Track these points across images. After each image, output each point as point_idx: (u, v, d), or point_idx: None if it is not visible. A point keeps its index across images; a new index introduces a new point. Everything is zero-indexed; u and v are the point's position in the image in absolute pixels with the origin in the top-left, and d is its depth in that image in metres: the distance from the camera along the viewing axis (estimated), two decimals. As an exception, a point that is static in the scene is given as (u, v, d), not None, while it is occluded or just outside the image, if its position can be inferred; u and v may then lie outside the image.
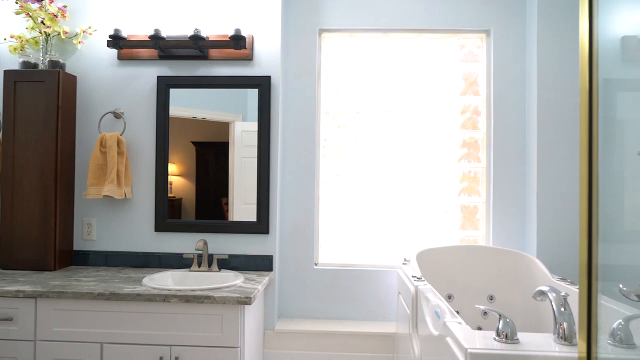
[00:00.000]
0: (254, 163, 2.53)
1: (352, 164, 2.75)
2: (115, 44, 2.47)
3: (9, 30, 2.62)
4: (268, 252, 2.51)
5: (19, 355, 2.03)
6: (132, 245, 2.57)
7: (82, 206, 2.59)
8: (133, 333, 2.01)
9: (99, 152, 2.44)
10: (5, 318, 2.03)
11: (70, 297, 2.00)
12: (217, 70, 2.55)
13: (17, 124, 2.41)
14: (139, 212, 2.56)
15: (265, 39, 2.54)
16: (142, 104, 2.58)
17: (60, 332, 2.03)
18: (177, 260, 2.52)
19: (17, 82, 2.41)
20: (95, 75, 2.60)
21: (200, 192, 2.59)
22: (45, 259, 2.40)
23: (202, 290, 2.03)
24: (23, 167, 2.40)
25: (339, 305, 2.67)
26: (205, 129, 2.58)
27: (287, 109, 2.71)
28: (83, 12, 2.61)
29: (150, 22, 2.58)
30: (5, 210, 2.41)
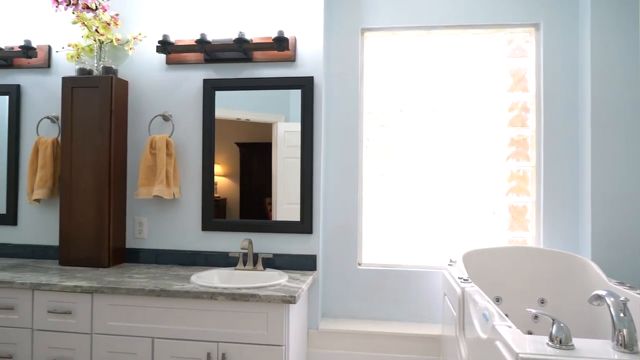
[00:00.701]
0: (297, 163, 2.55)
1: (396, 163, 2.72)
2: (164, 49, 2.55)
3: (66, 39, 2.77)
4: (311, 251, 2.52)
5: (77, 347, 2.14)
6: (180, 243, 2.65)
7: (133, 206, 2.69)
8: (182, 329, 2.07)
9: (149, 154, 2.53)
10: (65, 312, 2.15)
11: (124, 293, 2.09)
12: (260, 72, 2.59)
13: (74, 128, 2.54)
14: (187, 211, 2.64)
15: (307, 40, 2.56)
16: (189, 106, 2.65)
17: (114, 326, 2.12)
18: (223, 259, 2.58)
19: (74, 88, 2.54)
20: (145, 79, 2.70)
21: (244, 192, 2.63)
22: (100, 256, 2.51)
23: (247, 289, 2.06)
24: (79, 169, 2.53)
25: (383, 306, 2.65)
26: (249, 130, 2.62)
27: (330, 109, 2.71)
28: (133, 19, 2.72)
29: (196, 27, 2.65)
30: (64, 210, 2.54)
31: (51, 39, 2.80)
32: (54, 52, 2.79)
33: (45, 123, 2.77)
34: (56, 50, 2.78)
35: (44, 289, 2.15)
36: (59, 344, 2.15)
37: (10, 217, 2.78)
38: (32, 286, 2.15)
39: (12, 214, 2.78)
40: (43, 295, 2.17)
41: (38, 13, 2.81)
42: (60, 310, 2.15)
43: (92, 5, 2.54)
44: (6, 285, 2.18)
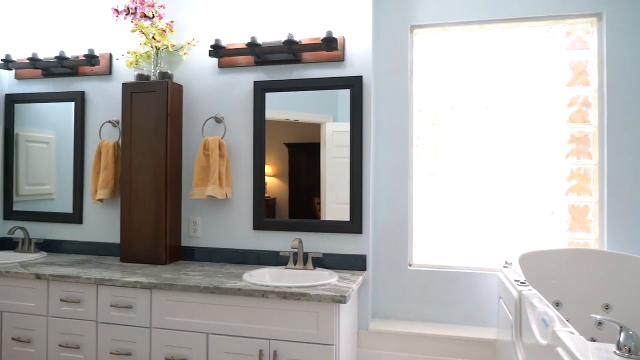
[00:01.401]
0: (346, 163, 2.54)
1: (447, 162, 2.66)
2: (216, 53, 2.62)
3: (125, 47, 2.91)
4: (361, 251, 2.51)
5: (137, 340, 2.24)
6: (232, 242, 2.71)
7: (188, 205, 2.79)
8: (235, 326, 2.12)
9: (203, 155, 2.61)
10: (126, 306, 2.25)
11: (180, 289, 2.17)
12: (309, 73, 2.61)
13: (133, 131, 2.66)
14: (239, 211, 2.70)
15: (356, 39, 2.55)
16: (240, 108, 2.71)
17: (171, 321, 2.20)
18: (273, 258, 2.62)
19: (133, 94, 2.66)
20: (199, 83, 2.79)
21: (292, 192, 2.66)
22: (158, 254, 2.62)
23: (298, 288, 2.08)
24: (138, 170, 2.65)
25: (435, 308, 2.60)
26: (297, 130, 2.64)
27: (379, 108, 2.69)
28: (187, 25, 2.82)
29: (246, 30, 2.71)
30: (124, 210, 2.67)
31: (112, 47, 2.95)
32: (115, 60, 2.93)
33: (107, 127, 2.93)
34: (116, 57, 2.93)
35: (107, 284, 2.27)
36: (121, 336, 2.26)
37: (76, 216, 2.96)
38: (97, 281, 2.28)
39: (78, 213, 2.95)
40: (106, 290, 2.29)
41: (100, 23, 2.97)
42: (122, 304, 2.27)
43: (149, 13, 2.66)
44: (73, 280, 2.32)
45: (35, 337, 2.39)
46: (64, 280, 2.33)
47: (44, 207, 3.05)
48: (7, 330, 2.44)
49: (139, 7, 2.65)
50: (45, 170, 3.05)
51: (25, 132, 3.09)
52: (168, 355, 2.19)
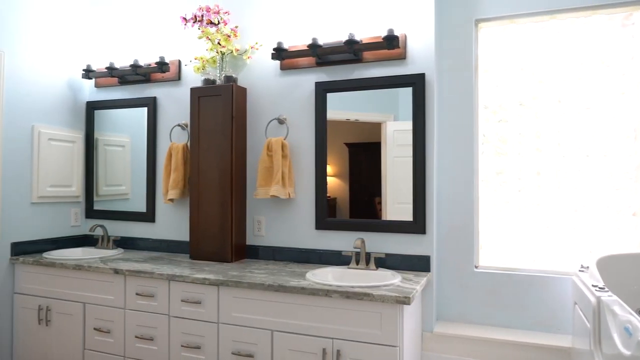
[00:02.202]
0: (407, 162, 2.51)
1: (516, 160, 2.55)
2: (278, 55, 2.68)
3: (193, 53, 3.04)
4: (425, 252, 2.47)
5: (206, 335, 2.33)
6: (295, 241, 2.75)
7: (252, 205, 2.86)
8: (298, 324, 2.15)
9: (266, 156, 2.67)
10: (195, 301, 2.36)
11: (246, 286, 2.23)
12: (370, 72, 2.60)
13: (201, 134, 2.77)
14: (301, 210, 2.74)
15: (418, 36, 2.51)
16: (302, 109, 2.75)
17: (238, 317, 2.27)
18: (335, 257, 2.63)
19: (200, 98, 2.78)
20: (262, 85, 2.86)
21: (353, 191, 2.66)
22: (224, 252, 2.71)
23: (361, 288, 2.08)
24: (206, 171, 2.76)
25: (503, 312, 2.49)
26: (358, 130, 2.64)
27: (443, 106, 2.63)
28: (250, 30, 2.90)
29: (307, 32, 2.74)
30: (193, 209, 2.79)
31: (180, 54, 3.09)
32: (183, 66, 3.08)
33: (177, 130, 3.07)
34: (185, 64, 3.07)
35: (178, 280, 2.38)
36: (191, 330, 2.37)
37: (149, 215, 3.13)
38: (169, 277, 2.40)
39: (151, 212, 3.13)
40: (177, 285, 2.40)
41: (169, 32, 3.13)
42: (191, 300, 2.37)
43: (215, 20, 2.76)
44: (148, 275, 2.45)
45: (114, 328, 2.56)
46: (139, 276, 2.48)
47: (121, 207, 3.26)
48: (90, 321, 2.63)
49: (205, 14, 2.76)
50: (121, 172, 3.26)
51: (104, 136, 3.31)
52: (235, 350, 2.26)
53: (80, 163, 3.31)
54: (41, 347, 2.77)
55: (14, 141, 2.86)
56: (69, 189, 3.22)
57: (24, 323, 2.83)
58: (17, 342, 2.85)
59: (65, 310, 2.69)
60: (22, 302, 2.83)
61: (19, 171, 2.90)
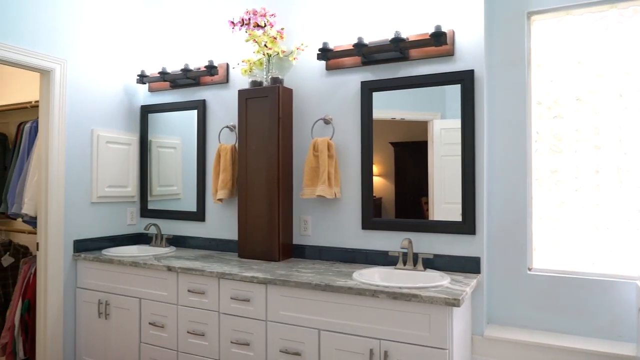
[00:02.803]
0: (455, 161, 2.45)
1: (572, 158, 2.43)
2: (324, 56, 2.69)
3: (240, 56, 3.10)
4: (475, 253, 2.40)
5: (255, 332, 2.38)
6: (341, 241, 2.75)
7: (299, 205, 2.89)
8: (345, 323, 2.15)
9: (312, 156, 2.69)
10: (244, 299, 2.41)
11: (293, 285, 2.25)
12: (417, 70, 2.56)
13: (248, 135, 2.83)
14: (347, 210, 2.74)
15: (466, 32, 2.44)
16: (347, 109, 2.75)
17: (285, 315, 2.30)
18: (382, 258, 2.61)
19: (247, 99, 2.83)
20: (307, 86, 2.88)
21: (399, 191, 2.63)
22: (272, 251, 2.75)
23: (409, 289, 2.05)
24: (253, 172, 2.81)
25: (559, 317, 2.39)
26: (403, 129, 2.60)
27: (493, 103, 2.55)
28: (296, 31, 2.92)
29: (353, 32, 2.74)
30: (241, 209, 2.85)
31: (228, 57, 3.17)
32: (231, 69, 3.15)
33: (225, 132, 3.15)
34: (232, 67, 3.14)
35: (228, 278, 2.44)
36: (240, 327, 2.42)
37: (199, 214, 3.23)
38: (219, 275, 2.46)
39: (201, 211, 3.22)
40: (227, 283, 2.46)
41: (217, 36, 3.21)
42: (240, 297, 2.42)
43: (262, 22, 2.81)
44: (199, 273, 2.53)
45: (167, 323, 2.66)
46: (191, 273, 2.56)
47: (173, 206, 3.38)
48: (145, 316, 2.75)
49: (252, 17, 2.81)
50: (173, 172, 3.38)
51: (157, 138, 3.45)
52: (283, 348, 2.29)
53: (135, 164, 3.46)
54: (101, 339, 2.92)
55: (75, 145, 3.03)
56: (125, 189, 3.37)
57: (85, 316, 2.99)
58: (79, 334, 3.02)
59: (123, 304, 2.82)
60: (83, 296, 3.00)
61: (80, 173, 3.07)
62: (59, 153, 2.92)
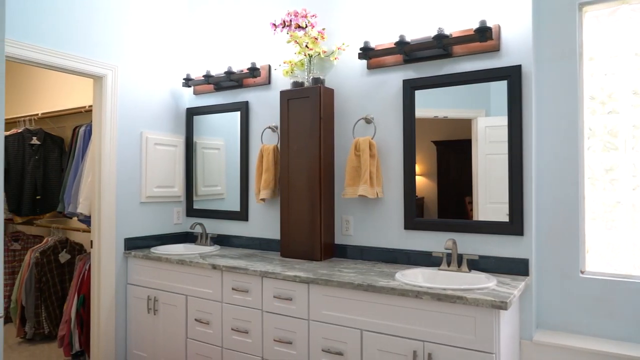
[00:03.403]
0: (501, 160, 2.38)
1: (629, 156, 2.31)
2: (365, 55, 2.67)
3: (281, 57, 3.14)
4: (523, 255, 2.32)
5: (297, 330, 2.40)
6: (384, 241, 2.73)
7: (341, 205, 2.89)
8: (388, 324, 2.13)
9: (354, 156, 2.68)
10: (286, 298, 2.43)
11: (335, 285, 2.26)
12: (461, 67, 2.50)
13: (290, 135, 2.86)
14: (389, 210, 2.71)
15: (513, 26, 2.37)
16: (389, 108, 2.72)
17: (327, 315, 2.31)
18: (425, 258, 2.57)
19: (289, 100, 2.86)
20: (348, 85, 2.87)
21: (441, 191, 2.58)
22: (313, 250, 2.77)
23: (453, 290, 2.01)
24: (295, 172, 2.83)
25: (615, 323, 2.27)
26: (446, 127, 2.55)
27: (542, 98, 2.45)
28: (337, 31, 2.93)
29: (394, 30, 2.71)
30: (283, 209, 2.88)
31: (270, 59, 3.21)
32: (273, 70, 3.19)
33: (268, 132, 3.20)
34: (274, 68, 3.18)
35: (270, 277, 2.48)
36: (283, 325, 2.45)
37: (243, 214, 3.29)
38: (262, 274, 2.50)
39: (244, 211, 3.28)
40: (270, 282, 2.50)
41: (259, 38, 3.26)
42: (283, 296, 2.45)
43: (303, 24, 2.83)
44: (242, 272, 2.58)
45: (212, 320, 2.73)
46: (235, 271, 2.61)
47: (216, 206, 3.46)
48: (191, 312, 2.83)
49: (294, 19, 2.84)
50: (217, 173, 3.46)
51: (202, 140, 3.54)
52: (325, 347, 2.30)
53: (181, 165, 3.57)
54: (150, 334, 3.03)
55: (126, 147, 3.16)
56: (172, 190, 3.48)
57: (135, 311, 3.11)
58: (130, 328, 3.15)
59: (170, 301, 2.92)
60: (133, 292, 3.12)
61: (130, 174, 3.19)
62: (111, 155, 3.06)
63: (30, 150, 3.95)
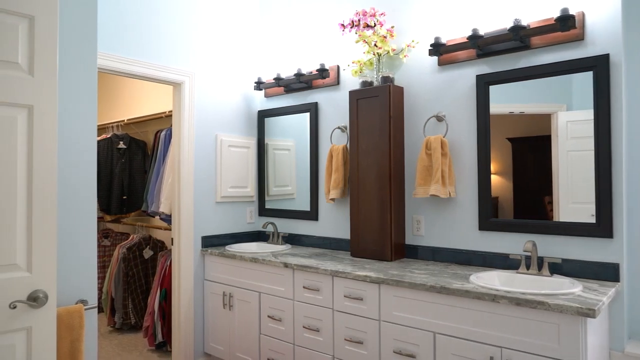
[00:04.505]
0: (585, 157, 2.22)
1: None
2: (436, 51, 2.61)
3: (350, 57, 3.15)
4: (612, 259, 2.15)
5: (368, 331, 2.39)
6: (456, 242, 2.65)
7: (411, 204, 2.85)
8: (462, 328, 2.06)
9: (425, 155, 2.63)
10: (357, 297, 2.43)
11: (406, 286, 2.22)
12: (539, 59, 2.37)
13: (359, 135, 2.85)
14: (462, 210, 2.63)
15: (599, 12, 2.20)
16: (461, 105, 2.64)
17: (398, 316, 2.28)
18: (501, 261, 2.46)
19: (358, 100, 2.86)
20: (418, 83, 2.82)
21: (517, 190, 2.45)
22: (384, 251, 2.74)
23: (533, 295, 1.90)
24: (364, 171, 2.83)
25: None
26: (523, 123, 2.42)
27: (633, 90, 2.26)
28: (406, 29, 2.88)
29: (466, 24, 2.62)
30: (353, 208, 2.88)
31: (338, 60, 3.23)
32: (342, 70, 3.21)
33: (337, 132, 3.22)
34: (343, 68, 3.19)
35: (341, 276, 2.49)
36: (353, 325, 2.45)
37: (313, 213, 3.34)
38: (332, 273, 2.52)
39: (314, 211, 3.33)
40: (340, 281, 2.51)
41: (328, 39, 3.29)
42: (353, 295, 2.45)
43: (371, 22, 2.81)
44: (313, 270, 2.61)
45: (284, 317, 2.79)
46: (306, 270, 2.65)
47: (287, 206, 3.53)
48: (264, 309, 2.91)
49: (362, 18, 2.83)
50: (287, 173, 3.53)
51: (272, 141, 3.64)
52: (396, 349, 2.27)
53: (254, 166, 3.69)
54: (226, 328, 3.16)
55: (202, 149, 3.32)
56: (244, 190, 3.61)
57: (212, 306, 3.26)
58: (207, 322, 3.31)
59: (244, 297, 3.03)
60: (210, 288, 3.27)
61: (206, 175, 3.35)
62: (189, 157, 3.23)
63: (117, 153, 4.27)
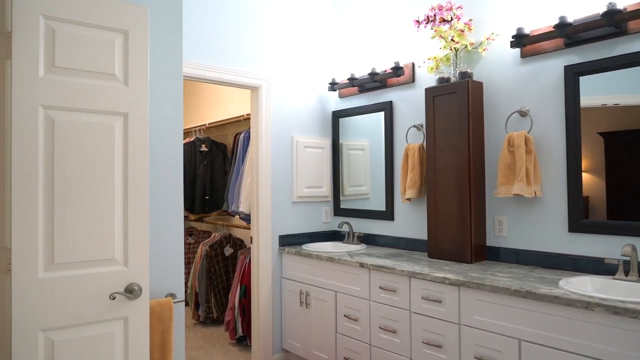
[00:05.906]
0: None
1: None
2: (519, 42, 2.47)
3: (425, 54, 3.07)
4: None
5: (447, 334, 2.32)
6: (543, 244, 2.50)
7: (492, 204, 2.72)
8: (550, 336, 1.94)
9: (507, 152, 2.50)
10: (435, 300, 2.37)
11: (488, 290, 2.13)
12: (638, 46, 2.16)
13: (436, 133, 2.78)
14: (549, 211, 2.47)
15: None
16: (547, 98, 2.48)
17: (480, 320, 2.19)
18: (595, 265, 2.28)
19: (435, 97, 2.79)
20: (499, 77, 2.69)
21: (611, 189, 2.25)
22: (463, 252, 2.65)
23: (635, 304, 1.74)
24: (442, 170, 2.75)
25: None
26: (617, 116, 2.22)
27: None
28: (485, 21, 2.76)
29: (551, 12, 2.46)
30: (430, 208, 2.81)
31: (413, 57, 3.17)
32: (417, 68, 3.14)
33: (412, 131, 3.16)
34: (418, 65, 3.13)
35: (418, 277, 2.44)
36: (431, 328, 2.39)
37: (388, 213, 3.30)
38: (409, 274, 2.48)
39: (389, 211, 3.29)
40: (417, 282, 2.46)
41: (402, 37, 3.24)
42: (431, 297, 2.39)
43: (448, 17, 2.73)
44: (389, 271, 2.59)
45: (360, 317, 2.79)
46: (382, 270, 2.63)
47: (362, 206, 3.53)
48: (340, 308, 2.93)
49: (438, 13, 2.76)
50: (362, 173, 3.52)
51: (347, 141, 3.65)
52: (477, 354, 2.18)
53: (328, 166, 3.72)
54: (303, 326, 3.22)
55: (279, 150, 3.42)
56: (320, 190, 3.66)
57: (289, 303, 3.34)
58: (284, 319, 3.39)
59: (320, 296, 3.07)
60: (287, 285, 3.35)
61: (283, 175, 3.44)
62: (267, 158, 3.33)
63: (200, 156, 4.51)
